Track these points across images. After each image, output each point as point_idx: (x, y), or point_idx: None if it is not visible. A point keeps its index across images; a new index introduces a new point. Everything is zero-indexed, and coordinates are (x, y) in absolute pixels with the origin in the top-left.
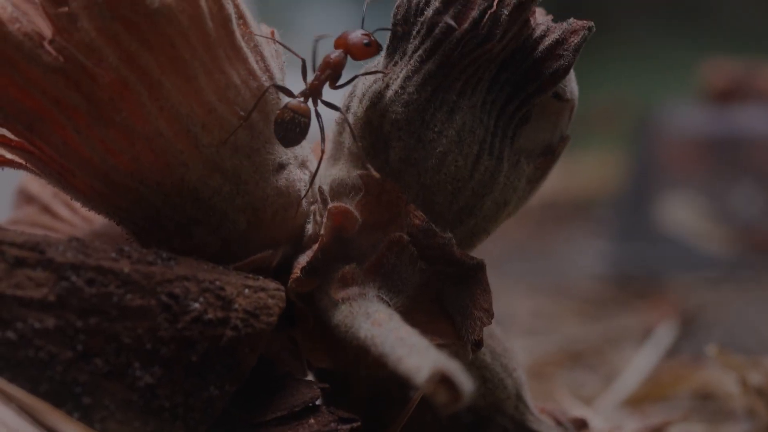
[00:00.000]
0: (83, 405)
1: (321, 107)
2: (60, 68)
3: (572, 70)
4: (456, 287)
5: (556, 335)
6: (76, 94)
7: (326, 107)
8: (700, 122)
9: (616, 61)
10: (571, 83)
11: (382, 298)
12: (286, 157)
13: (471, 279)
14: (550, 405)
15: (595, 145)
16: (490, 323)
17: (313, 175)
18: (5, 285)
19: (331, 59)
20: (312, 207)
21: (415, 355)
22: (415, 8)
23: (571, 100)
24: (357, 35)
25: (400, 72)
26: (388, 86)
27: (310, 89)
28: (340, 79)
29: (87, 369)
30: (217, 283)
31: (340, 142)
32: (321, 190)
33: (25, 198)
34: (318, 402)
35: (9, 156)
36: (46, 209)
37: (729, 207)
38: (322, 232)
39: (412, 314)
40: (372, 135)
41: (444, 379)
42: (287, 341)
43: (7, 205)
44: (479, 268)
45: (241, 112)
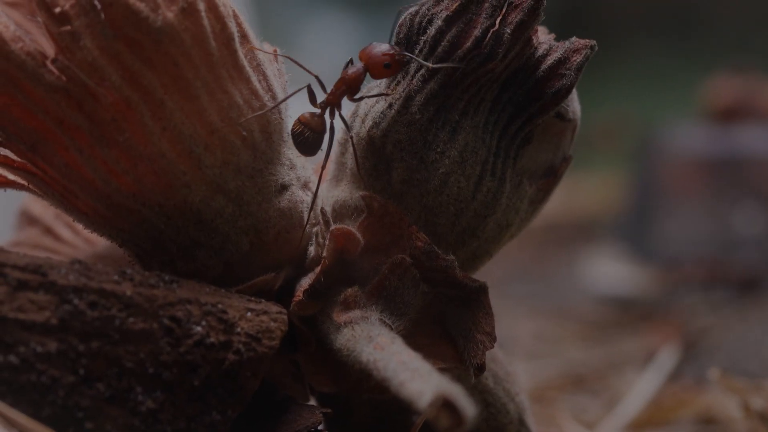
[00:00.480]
0: (85, 430)
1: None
2: (62, 88)
3: (575, 90)
4: (458, 310)
5: (559, 359)
6: (79, 113)
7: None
8: (703, 142)
9: (619, 80)
10: (574, 103)
11: (385, 322)
12: (288, 178)
13: (473, 302)
14: (552, 430)
15: (598, 165)
16: (492, 347)
17: (314, 196)
18: (7, 308)
19: (348, 75)
20: (314, 229)
21: (418, 379)
22: (417, 27)
23: (574, 120)
24: (379, 54)
25: (403, 92)
26: (390, 106)
27: (325, 103)
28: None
29: (89, 393)
30: (220, 306)
31: (342, 162)
32: (323, 212)
33: (28, 220)
34: (320, 427)
35: (11, 177)
36: (49, 231)
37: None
38: (324, 254)
39: (414, 337)
40: (374, 156)
41: (446, 404)
42: (289, 365)
43: (9, 227)
44: (481, 290)
45: (245, 132)
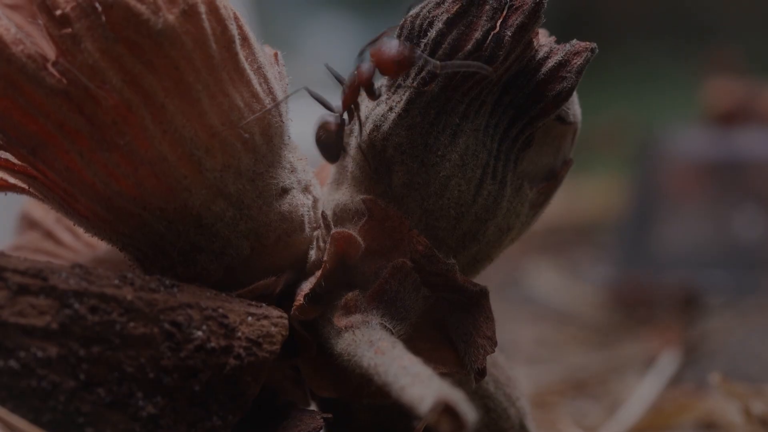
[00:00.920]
0: None
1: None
2: (63, 91)
3: (575, 93)
4: (459, 314)
5: (559, 363)
6: (80, 117)
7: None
8: (703, 145)
9: (619, 83)
10: (575, 106)
11: (386, 326)
12: (289, 181)
13: (474, 306)
14: None
15: (598, 168)
16: (493, 351)
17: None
18: (8, 313)
19: (357, 74)
20: (315, 233)
21: (419, 384)
22: (418, 30)
23: (575, 123)
24: (389, 51)
25: (404, 94)
26: (391, 109)
27: (342, 106)
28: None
29: (89, 399)
30: (220, 310)
31: (343, 166)
32: (324, 216)
33: (28, 223)
34: None
35: (12, 180)
36: (49, 235)
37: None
38: (325, 258)
39: (415, 342)
40: (375, 159)
41: (447, 409)
42: (290, 370)
43: (9, 231)
44: (482, 295)
45: (246, 135)
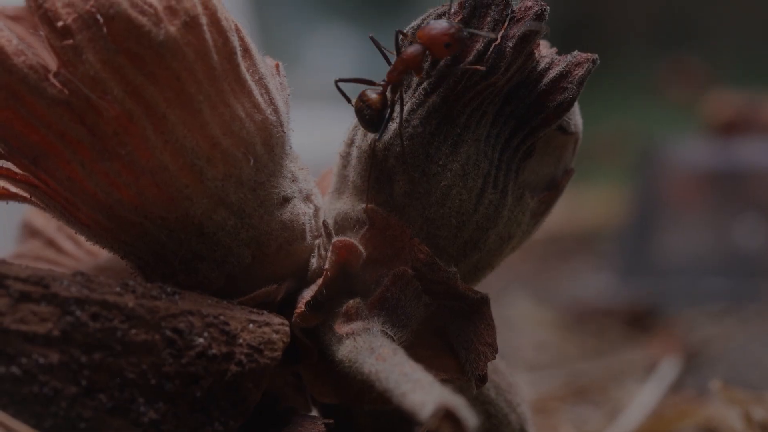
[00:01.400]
0: None
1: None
2: (65, 101)
3: (577, 103)
4: (460, 322)
5: (560, 369)
6: (81, 127)
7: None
8: (704, 155)
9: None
10: (576, 116)
11: (387, 333)
12: (290, 190)
13: (475, 313)
14: None
15: (599, 177)
16: (494, 358)
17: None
18: (10, 320)
19: (407, 54)
20: (316, 241)
21: (420, 390)
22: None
23: (576, 133)
24: (439, 32)
25: (405, 105)
26: (392, 119)
27: (386, 82)
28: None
29: (91, 405)
30: (222, 318)
31: (344, 175)
32: (325, 224)
33: (30, 232)
34: None
35: (13, 189)
36: (51, 243)
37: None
38: (326, 266)
39: (416, 349)
40: (376, 169)
41: (448, 415)
42: (291, 376)
43: (11, 239)
44: (483, 302)
45: (247, 145)
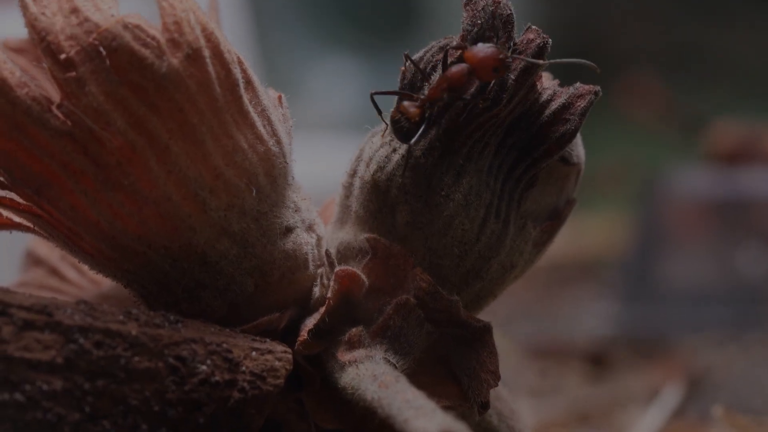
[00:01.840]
0: None
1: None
2: (68, 132)
3: (579, 134)
4: (462, 349)
5: (563, 396)
6: (84, 158)
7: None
8: (707, 184)
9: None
10: (578, 147)
11: (389, 361)
12: (293, 220)
13: (477, 341)
14: None
15: (602, 205)
16: (496, 385)
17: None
18: (14, 347)
19: (451, 73)
20: (319, 270)
21: (422, 417)
22: (421, 73)
23: (578, 164)
24: (487, 54)
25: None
26: (395, 150)
27: (426, 98)
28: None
29: (94, 430)
30: (225, 345)
31: (347, 205)
32: (328, 254)
33: (33, 261)
34: None
35: (17, 219)
36: (54, 272)
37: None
38: (329, 295)
39: (418, 376)
40: (379, 199)
41: None
42: (294, 403)
43: (15, 268)
44: (486, 330)
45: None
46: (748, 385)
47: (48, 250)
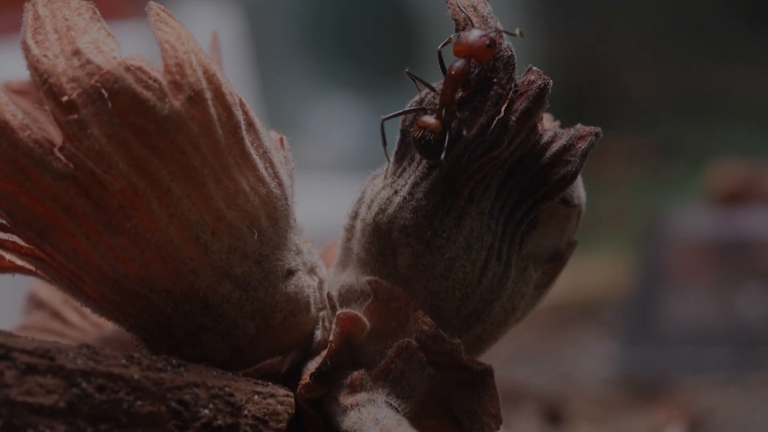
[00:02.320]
0: None
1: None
2: (70, 175)
3: (579, 176)
4: (464, 392)
5: None
6: (86, 201)
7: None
8: (708, 225)
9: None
10: (579, 189)
11: (391, 404)
12: (295, 263)
13: (479, 384)
14: None
15: (603, 246)
16: (498, 428)
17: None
18: (16, 392)
19: (454, 71)
20: (321, 313)
21: None
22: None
23: (579, 206)
24: (476, 37)
25: (409, 178)
26: (396, 192)
27: (440, 105)
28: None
29: None
30: (227, 389)
31: (348, 248)
32: (330, 296)
33: (36, 304)
34: None
35: (20, 263)
36: (57, 315)
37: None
38: (330, 338)
39: (420, 419)
40: (380, 242)
41: None
42: None
43: (17, 311)
44: (487, 373)
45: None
46: (749, 427)
47: (50, 293)
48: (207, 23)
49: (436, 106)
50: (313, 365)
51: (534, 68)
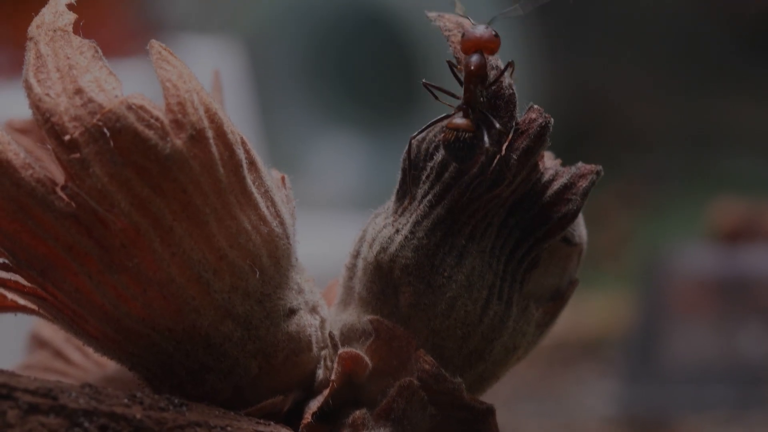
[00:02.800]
0: None
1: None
2: (72, 214)
3: (581, 214)
4: (466, 431)
5: None
6: (89, 240)
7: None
8: (709, 263)
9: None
10: (580, 227)
11: None
12: (296, 302)
13: (480, 423)
14: None
15: (604, 284)
16: None
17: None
18: (19, 431)
19: (472, 65)
20: (323, 352)
21: None
22: (424, 153)
23: (580, 244)
24: (483, 30)
25: (410, 217)
26: (398, 231)
27: (465, 104)
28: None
29: None
30: (229, 428)
31: (350, 287)
32: (332, 335)
33: (38, 343)
34: None
35: (22, 302)
36: (59, 354)
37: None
38: (332, 377)
39: None
40: (382, 281)
41: None
42: None
43: (19, 350)
44: (489, 413)
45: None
46: None
47: (52, 332)
48: (208, 58)
49: (462, 108)
50: (315, 404)
51: (535, 106)
